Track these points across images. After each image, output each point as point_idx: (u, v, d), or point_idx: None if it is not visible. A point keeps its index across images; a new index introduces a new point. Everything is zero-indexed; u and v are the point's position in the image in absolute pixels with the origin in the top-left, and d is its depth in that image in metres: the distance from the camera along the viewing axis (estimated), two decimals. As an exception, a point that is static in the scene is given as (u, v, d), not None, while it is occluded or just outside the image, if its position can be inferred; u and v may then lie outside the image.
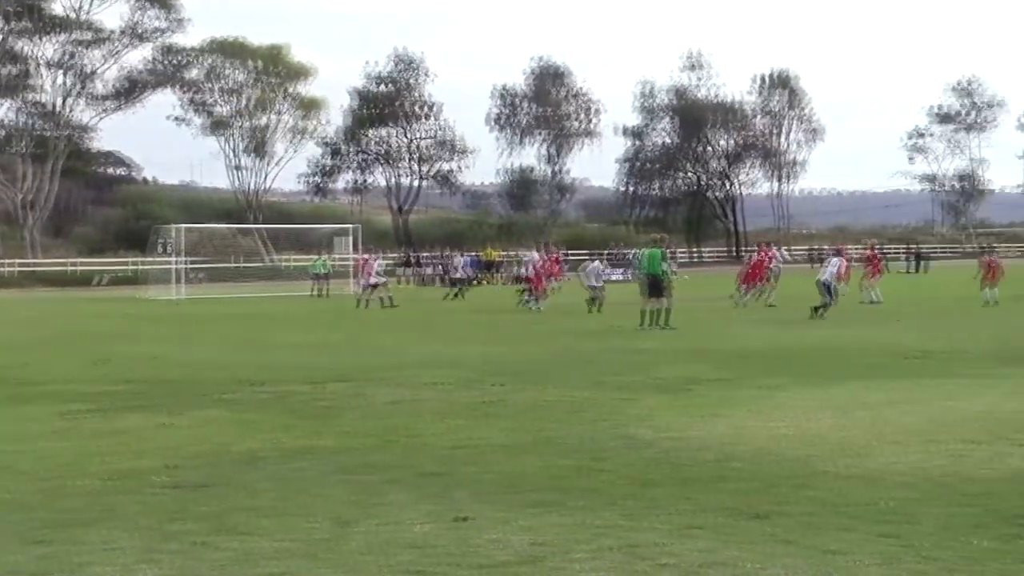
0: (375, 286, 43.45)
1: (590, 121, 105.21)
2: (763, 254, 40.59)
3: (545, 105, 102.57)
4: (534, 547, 7.96)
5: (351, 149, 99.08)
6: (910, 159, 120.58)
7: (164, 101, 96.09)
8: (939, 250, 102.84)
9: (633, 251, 45.05)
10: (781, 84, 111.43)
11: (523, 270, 39.59)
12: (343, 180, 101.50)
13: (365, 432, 13.23)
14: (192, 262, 62.75)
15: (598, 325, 30.63)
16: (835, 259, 33.14)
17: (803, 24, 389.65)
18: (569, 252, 69.34)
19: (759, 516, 8.74)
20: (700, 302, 38.94)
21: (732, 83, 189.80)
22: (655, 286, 28.88)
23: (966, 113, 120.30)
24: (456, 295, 48.80)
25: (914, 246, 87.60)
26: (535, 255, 40.13)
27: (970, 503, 9.14)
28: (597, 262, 38.37)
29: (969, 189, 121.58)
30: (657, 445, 12.05)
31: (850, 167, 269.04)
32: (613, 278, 38.90)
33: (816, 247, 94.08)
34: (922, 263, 75.96)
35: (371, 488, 10.00)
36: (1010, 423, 13.00)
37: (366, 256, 47.59)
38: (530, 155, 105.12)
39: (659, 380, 17.88)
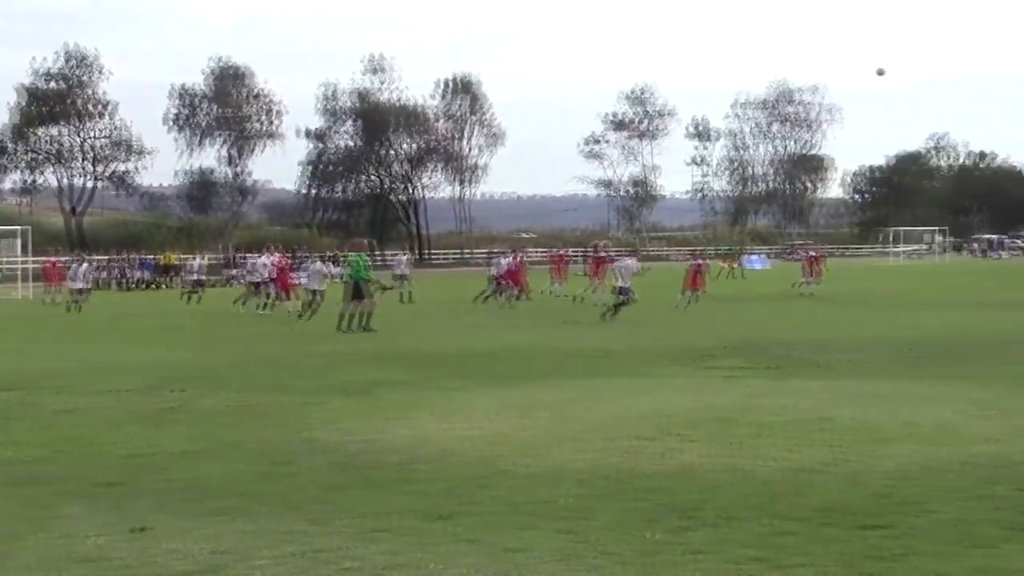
0: (82, 290, 42.38)
1: (272, 123, 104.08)
2: (517, 258, 41.34)
3: (225, 106, 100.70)
4: (214, 555, 7.81)
5: (19, 148, 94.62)
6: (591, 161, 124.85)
7: None
8: (614, 253, 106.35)
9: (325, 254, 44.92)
10: (463, 89, 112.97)
11: (256, 276, 38.03)
12: (10, 180, 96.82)
13: (35, 442, 12.68)
14: None
15: (287, 329, 30.31)
16: (628, 260, 33.89)
17: (485, 30, 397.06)
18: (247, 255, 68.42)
19: (443, 517, 8.84)
20: (389, 305, 39.07)
21: (415, 87, 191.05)
22: (358, 290, 29.06)
23: (639, 121, 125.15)
24: (191, 297, 47.08)
25: (591, 250, 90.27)
26: (272, 258, 38.72)
27: (643, 498, 9.48)
28: (319, 263, 37.41)
29: (642, 194, 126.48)
30: (342, 449, 12.02)
31: (530, 172, 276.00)
32: (301, 281, 38.25)
33: (496, 250, 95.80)
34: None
35: (42, 501, 9.60)
36: (680, 419, 13.56)
37: (54, 260, 46.19)
38: (210, 156, 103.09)
39: (345, 383, 17.84)
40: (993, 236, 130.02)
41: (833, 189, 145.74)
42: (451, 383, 17.80)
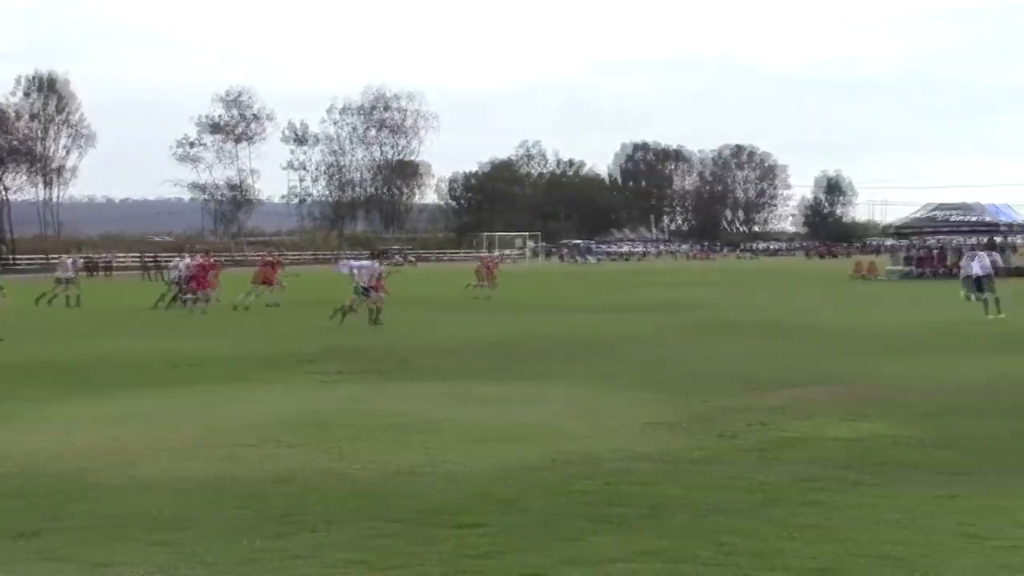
0: None
1: None
2: (207, 262, 39.75)
3: None
4: None
5: None
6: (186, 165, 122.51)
7: None
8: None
9: None
10: (48, 87, 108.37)
11: None
12: None
13: None
14: None
15: None
16: (367, 263, 33.11)
17: (74, 26, 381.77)
18: None
19: (27, 534, 8.41)
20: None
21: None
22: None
23: (235, 124, 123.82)
24: None
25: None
26: None
27: (242, 505, 9.34)
28: None
29: (240, 198, 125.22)
30: (-86, 467, 11.22)
31: (123, 174, 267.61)
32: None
33: (89, 255, 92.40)
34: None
35: None
36: (279, 425, 13.45)
37: None
38: None
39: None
40: (580, 241, 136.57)
41: (430, 195, 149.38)
42: (33, 393, 16.96)
